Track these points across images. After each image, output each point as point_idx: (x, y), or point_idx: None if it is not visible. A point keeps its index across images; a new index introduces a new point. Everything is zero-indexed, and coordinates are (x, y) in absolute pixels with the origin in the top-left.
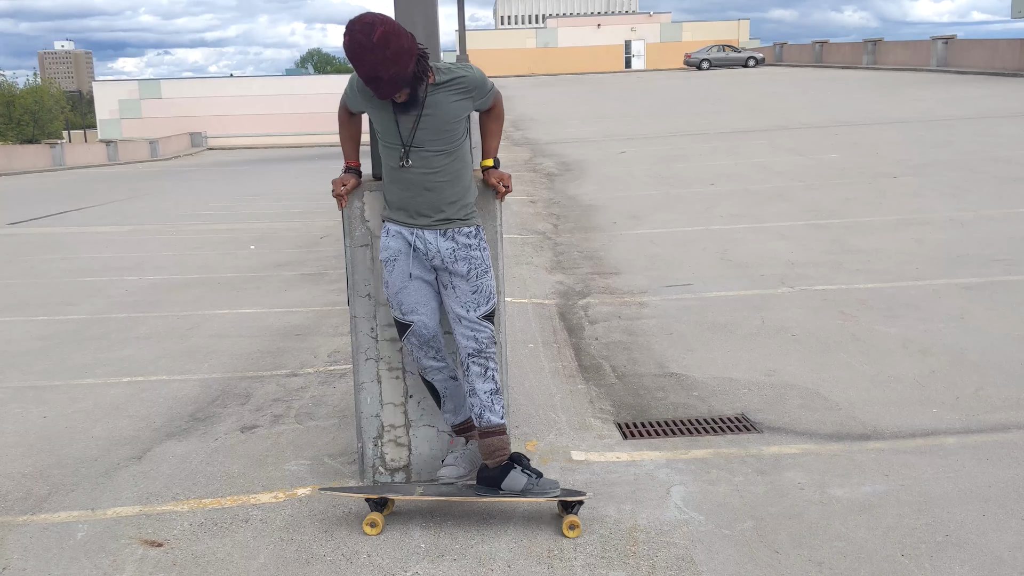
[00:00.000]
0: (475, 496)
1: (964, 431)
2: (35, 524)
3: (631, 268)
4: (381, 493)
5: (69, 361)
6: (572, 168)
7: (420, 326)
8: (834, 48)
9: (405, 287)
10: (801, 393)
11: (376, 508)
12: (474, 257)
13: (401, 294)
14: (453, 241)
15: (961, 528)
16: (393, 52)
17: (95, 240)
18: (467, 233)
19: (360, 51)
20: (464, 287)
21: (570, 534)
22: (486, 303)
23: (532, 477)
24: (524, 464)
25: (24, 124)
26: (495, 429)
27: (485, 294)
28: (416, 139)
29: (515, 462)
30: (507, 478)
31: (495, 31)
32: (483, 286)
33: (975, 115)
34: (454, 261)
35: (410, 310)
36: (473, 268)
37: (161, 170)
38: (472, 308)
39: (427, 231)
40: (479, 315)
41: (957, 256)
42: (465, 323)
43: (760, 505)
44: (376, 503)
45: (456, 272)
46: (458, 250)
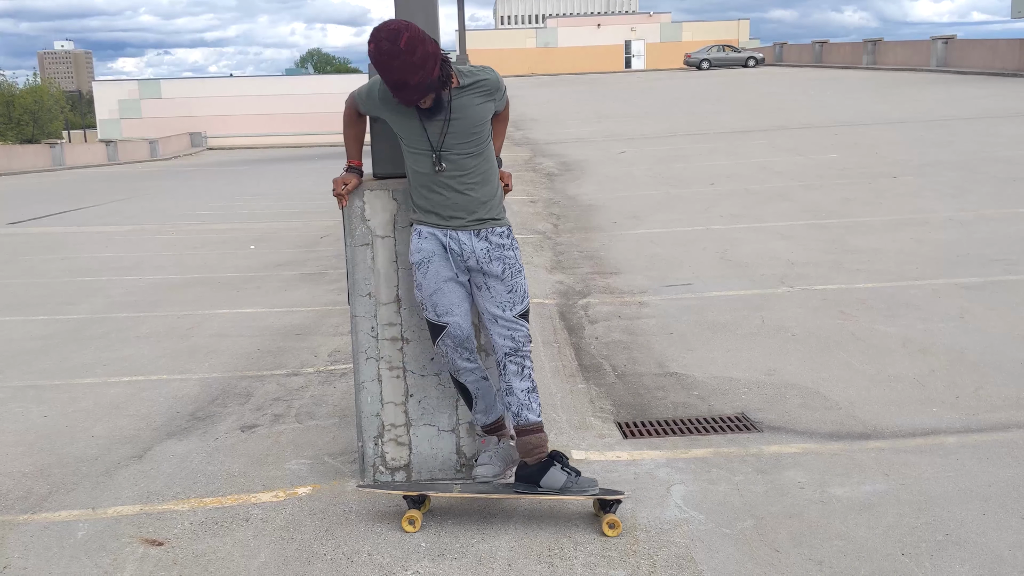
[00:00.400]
0: (514, 494)
1: (964, 430)
2: (36, 523)
3: (631, 268)
4: (422, 491)
5: (69, 360)
6: (572, 168)
7: (455, 327)
8: (834, 48)
9: (440, 288)
10: (801, 392)
11: (414, 506)
12: (508, 257)
13: (436, 296)
14: (487, 241)
15: (961, 527)
16: (419, 58)
17: (95, 240)
18: (500, 233)
19: (387, 58)
20: (499, 287)
21: (610, 533)
22: (521, 302)
23: (571, 475)
24: (563, 462)
25: (24, 124)
26: (533, 427)
27: (520, 293)
28: (446, 143)
29: (554, 459)
30: (546, 475)
31: (495, 31)
32: (518, 285)
33: (975, 115)
34: (489, 261)
35: (445, 311)
36: (508, 267)
37: (161, 170)
38: (508, 307)
39: (461, 232)
40: (515, 314)
41: (957, 256)
42: (502, 323)
43: (760, 504)
44: (415, 501)
45: (490, 272)
46: (492, 250)
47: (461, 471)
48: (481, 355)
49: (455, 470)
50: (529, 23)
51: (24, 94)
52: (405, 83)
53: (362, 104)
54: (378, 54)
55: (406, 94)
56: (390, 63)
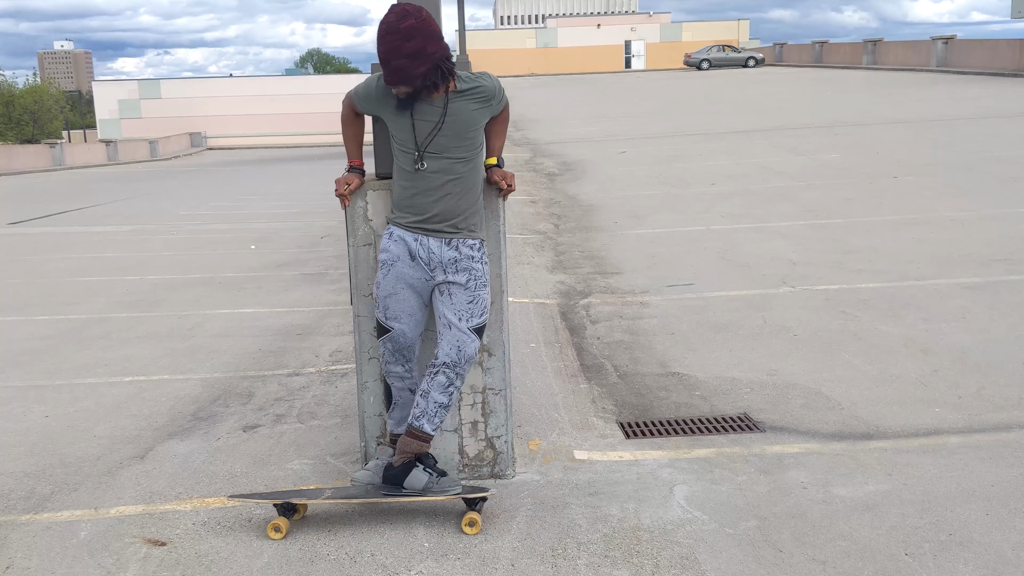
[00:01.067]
0: (381, 497)
1: (967, 430)
2: (38, 523)
3: (632, 268)
4: (286, 499)
5: (71, 361)
6: (573, 168)
7: (399, 334)
8: (834, 48)
9: (396, 293)
10: (803, 392)
11: (284, 513)
12: (475, 269)
13: (389, 299)
14: (457, 251)
15: (965, 527)
16: (411, 48)
17: (96, 240)
18: (471, 245)
19: (384, 31)
20: (461, 295)
21: (468, 531)
22: (479, 316)
23: (433, 476)
24: (427, 463)
25: (24, 124)
26: (421, 435)
27: (480, 306)
28: (437, 144)
29: (418, 461)
30: (409, 476)
31: (495, 31)
32: (479, 298)
33: (975, 115)
34: (455, 271)
35: (395, 316)
36: (473, 279)
37: (161, 170)
38: (465, 318)
39: (432, 239)
40: (471, 326)
41: (958, 256)
42: (454, 330)
43: (763, 504)
44: (285, 508)
45: (455, 281)
46: (460, 260)
47: (464, 471)
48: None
49: (458, 470)
50: (529, 23)
51: (24, 94)
52: (387, 61)
53: (359, 102)
54: (381, 23)
55: (385, 72)
56: (384, 36)
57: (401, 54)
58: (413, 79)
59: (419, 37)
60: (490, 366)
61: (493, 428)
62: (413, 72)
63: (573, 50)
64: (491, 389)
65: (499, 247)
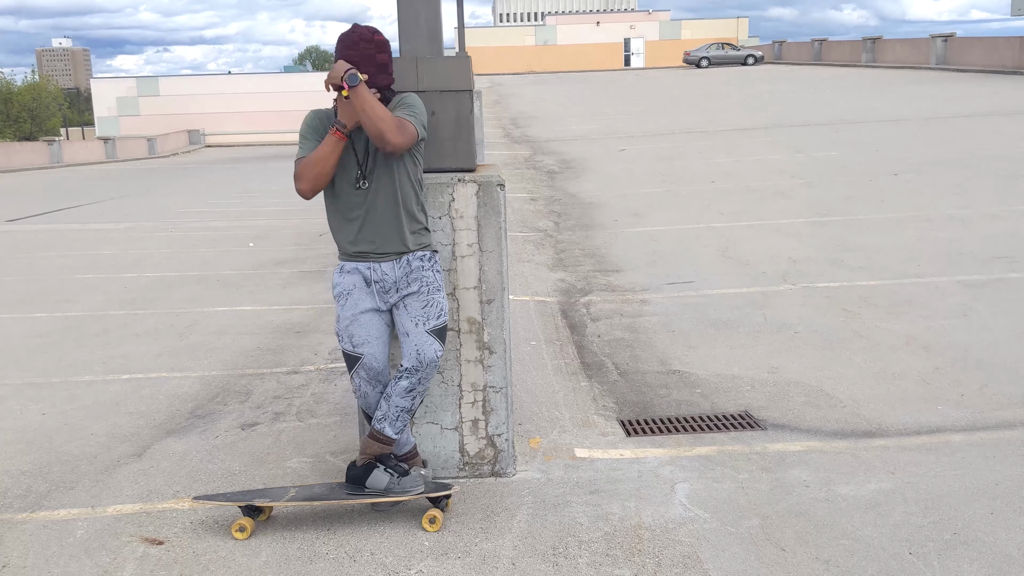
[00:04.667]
0: (345, 497)
1: (970, 428)
2: (35, 522)
3: (632, 266)
4: (250, 500)
5: (68, 358)
6: (572, 166)
7: (370, 358)
8: (833, 46)
9: (357, 319)
10: (805, 390)
11: (248, 514)
12: (426, 277)
13: (352, 326)
14: (408, 266)
15: (969, 526)
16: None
17: (93, 237)
18: (419, 256)
19: (357, 38)
20: (415, 303)
21: (429, 528)
22: (436, 318)
23: (394, 476)
24: (389, 464)
25: (22, 121)
26: (383, 439)
27: (436, 309)
28: (374, 163)
29: (380, 461)
30: (370, 477)
31: (494, 28)
32: (433, 301)
33: (975, 113)
34: (407, 285)
35: (362, 342)
36: (424, 286)
37: (159, 167)
38: (421, 321)
39: (383, 263)
40: (428, 328)
41: (959, 253)
42: (412, 336)
43: (765, 503)
44: (250, 509)
45: (408, 292)
46: (411, 273)
47: (464, 469)
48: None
49: (458, 468)
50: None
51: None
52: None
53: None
54: (352, 33)
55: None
56: (357, 43)
57: (373, 63)
58: (375, 88)
59: (387, 53)
60: (491, 364)
61: (494, 426)
62: (377, 83)
63: (572, 48)
64: (492, 387)
65: (500, 244)
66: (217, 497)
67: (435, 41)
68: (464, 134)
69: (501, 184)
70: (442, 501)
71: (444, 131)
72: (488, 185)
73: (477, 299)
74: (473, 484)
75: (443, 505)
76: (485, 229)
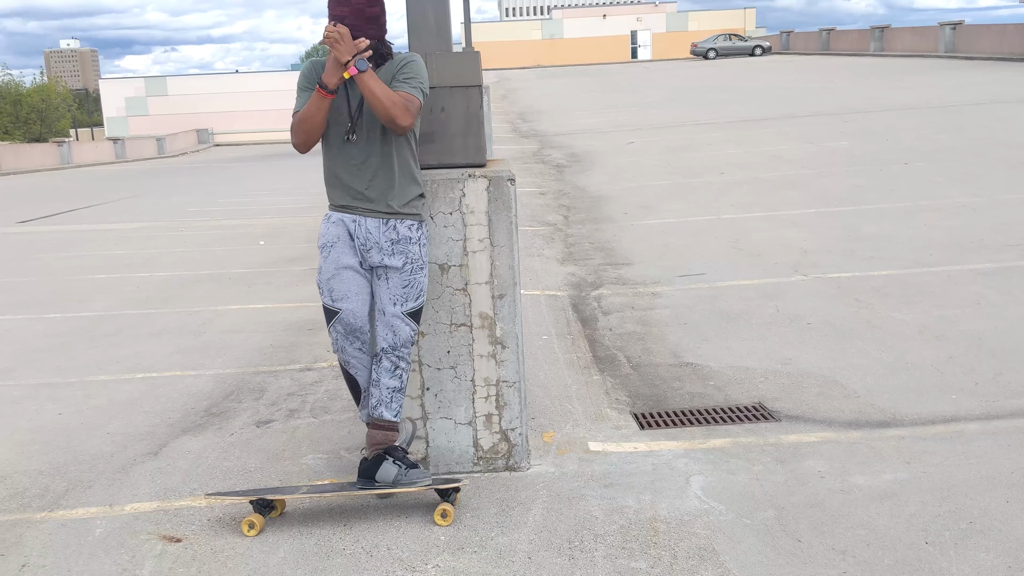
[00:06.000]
0: (355, 491)
1: (984, 417)
2: (53, 521)
3: (643, 258)
4: (261, 495)
5: (82, 358)
6: (581, 159)
7: (348, 314)
8: (841, 35)
9: (338, 274)
10: (818, 381)
11: (259, 510)
12: (412, 251)
13: (333, 280)
14: (394, 232)
15: (985, 515)
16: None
17: (105, 238)
18: (408, 225)
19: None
20: (396, 279)
21: (441, 522)
22: (415, 299)
23: (402, 468)
24: (397, 456)
25: (31, 123)
26: (384, 424)
27: (415, 290)
28: (366, 117)
29: (388, 453)
30: (379, 470)
31: (500, 23)
32: (415, 281)
33: (984, 100)
34: (391, 255)
35: (341, 296)
36: (409, 262)
37: (168, 167)
38: (400, 302)
39: (369, 219)
40: (404, 310)
41: (971, 242)
42: (387, 316)
43: (781, 494)
44: (262, 504)
45: (391, 265)
46: (397, 243)
47: (479, 464)
48: None
49: (472, 463)
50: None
51: (31, 93)
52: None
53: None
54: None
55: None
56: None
57: (363, 16)
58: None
59: (378, 7)
60: (504, 358)
61: (507, 421)
62: (368, 35)
63: (579, 41)
64: (505, 382)
65: (511, 239)
66: (230, 493)
67: (443, 37)
68: (474, 129)
69: (512, 179)
70: (451, 495)
71: (454, 126)
72: (499, 180)
73: (489, 294)
74: (488, 479)
75: (452, 499)
76: (496, 224)
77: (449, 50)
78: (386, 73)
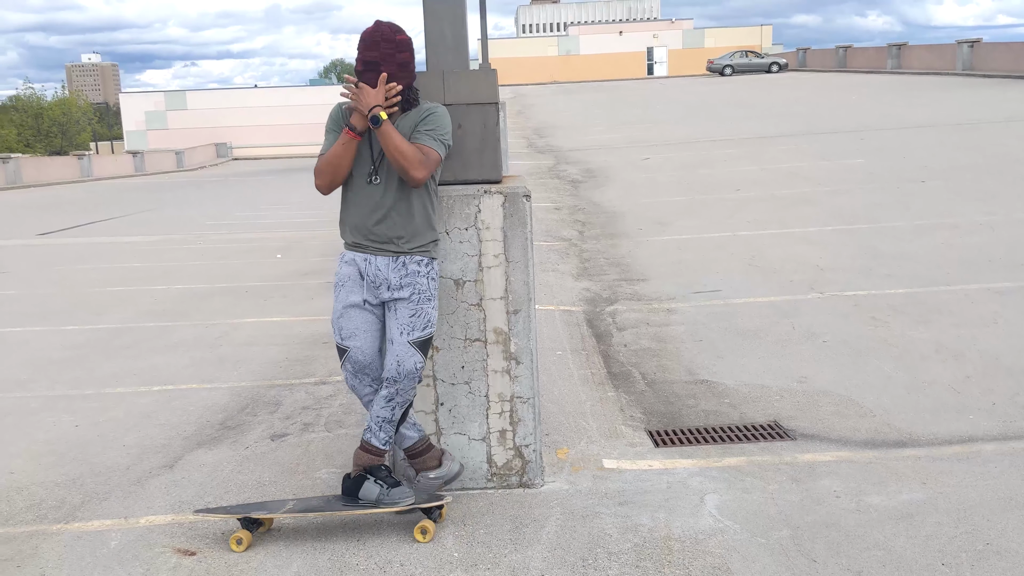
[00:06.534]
0: (340, 509)
1: (1002, 438)
2: (69, 532)
3: (658, 274)
4: (247, 513)
5: (99, 370)
6: (596, 175)
7: (356, 352)
8: (858, 53)
9: (345, 312)
10: (834, 400)
11: (247, 526)
12: (419, 283)
13: (343, 319)
14: (404, 268)
15: (1002, 536)
16: (402, 59)
17: (123, 250)
18: (417, 261)
19: (379, 36)
20: (404, 310)
21: (420, 538)
22: (422, 329)
23: (384, 488)
24: (380, 476)
25: (52, 136)
26: (372, 449)
27: (422, 319)
28: (387, 159)
29: (370, 473)
30: (362, 489)
31: (517, 39)
32: (422, 311)
33: (1002, 118)
34: (399, 288)
35: (349, 335)
36: (416, 292)
37: (187, 180)
38: (406, 331)
39: (380, 258)
40: (411, 339)
41: (988, 260)
42: (395, 345)
43: (796, 513)
44: (248, 522)
45: (399, 297)
46: (405, 277)
47: (492, 480)
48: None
49: (486, 479)
50: (551, 31)
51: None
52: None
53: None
54: (374, 32)
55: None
56: (379, 42)
57: (394, 62)
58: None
59: (408, 52)
60: (518, 374)
61: (521, 437)
62: (399, 81)
63: (595, 57)
64: (519, 397)
65: (526, 255)
66: (217, 510)
67: (461, 54)
68: (490, 146)
69: (527, 195)
70: (435, 512)
71: (470, 143)
72: (514, 196)
73: (504, 309)
74: (501, 495)
75: (436, 516)
76: (511, 240)
77: (466, 67)
78: (410, 121)
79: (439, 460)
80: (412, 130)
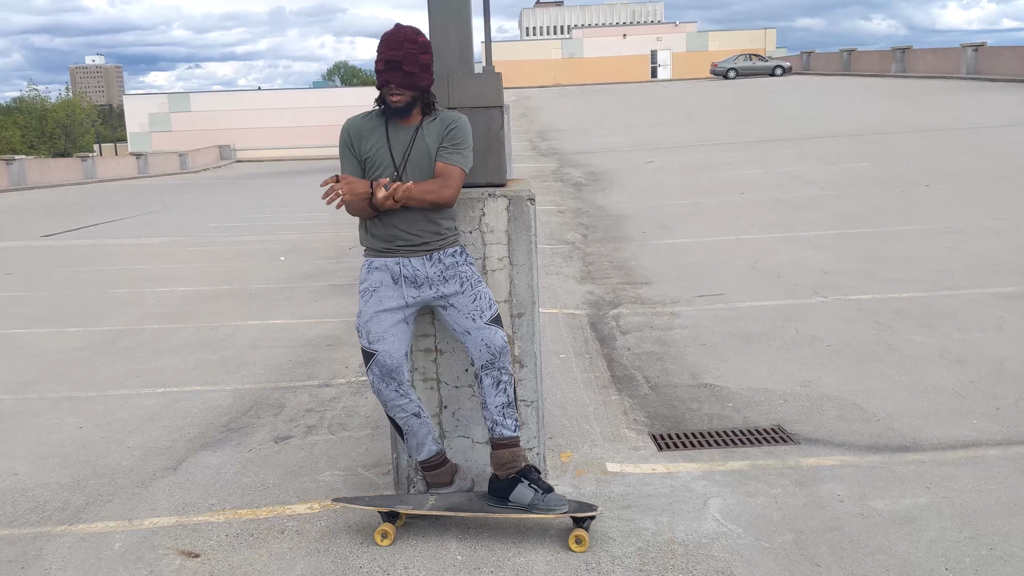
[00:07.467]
0: (485, 509)
1: (1006, 442)
2: (73, 534)
3: (662, 278)
4: (392, 506)
5: (103, 372)
6: (600, 178)
7: (384, 355)
8: (862, 56)
9: (376, 317)
10: (838, 404)
11: (388, 519)
12: (463, 272)
13: (371, 323)
14: (440, 264)
15: (1006, 541)
16: (425, 60)
17: (127, 252)
18: (451, 253)
19: (402, 37)
20: (462, 300)
21: (576, 548)
22: (489, 308)
23: (538, 492)
24: (532, 479)
25: (56, 138)
26: (507, 442)
27: (485, 300)
28: (409, 162)
29: (524, 476)
30: (514, 491)
31: (521, 42)
32: (480, 293)
33: (1007, 122)
34: (443, 282)
35: (377, 338)
36: (465, 281)
37: (190, 182)
38: (477, 316)
39: (413, 259)
40: (486, 320)
41: (992, 265)
42: (475, 333)
43: (799, 518)
44: (388, 515)
45: (448, 292)
46: (446, 271)
47: None
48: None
49: (490, 482)
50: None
51: (56, 108)
52: (400, 64)
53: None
54: (397, 33)
55: (395, 75)
56: (402, 43)
57: (416, 63)
58: (417, 88)
59: (429, 54)
60: (522, 377)
61: (525, 440)
62: (420, 83)
63: (599, 60)
64: (523, 400)
65: (530, 258)
66: (357, 500)
67: (466, 58)
68: (495, 149)
69: (531, 198)
70: (586, 522)
71: (475, 146)
72: (518, 199)
73: (508, 313)
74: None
75: (587, 525)
76: (515, 243)
77: (471, 71)
78: (435, 133)
79: (451, 477)
80: (438, 143)
